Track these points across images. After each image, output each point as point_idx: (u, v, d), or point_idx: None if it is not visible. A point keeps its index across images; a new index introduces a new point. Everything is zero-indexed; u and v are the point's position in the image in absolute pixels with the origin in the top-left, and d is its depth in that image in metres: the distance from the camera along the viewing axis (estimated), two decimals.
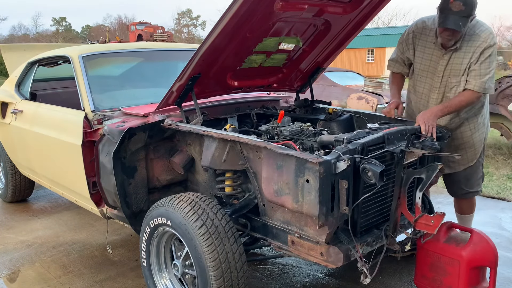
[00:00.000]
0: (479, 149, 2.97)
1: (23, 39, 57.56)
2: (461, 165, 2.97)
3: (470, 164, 2.97)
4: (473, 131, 2.92)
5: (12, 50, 5.02)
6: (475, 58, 2.68)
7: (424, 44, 2.87)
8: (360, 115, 3.20)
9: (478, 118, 2.92)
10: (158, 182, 2.82)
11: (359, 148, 2.12)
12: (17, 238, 3.84)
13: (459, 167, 2.98)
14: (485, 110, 2.97)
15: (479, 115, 2.92)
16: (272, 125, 2.82)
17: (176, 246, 2.52)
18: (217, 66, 2.68)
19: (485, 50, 2.66)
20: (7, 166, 4.50)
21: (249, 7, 2.24)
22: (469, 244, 2.43)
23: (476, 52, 2.68)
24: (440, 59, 2.81)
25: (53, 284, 3.05)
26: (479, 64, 2.68)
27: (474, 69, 2.70)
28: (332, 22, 2.80)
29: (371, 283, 2.31)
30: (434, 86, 2.88)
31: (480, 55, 2.67)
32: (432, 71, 2.87)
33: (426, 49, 2.86)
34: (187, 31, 71.33)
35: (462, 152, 2.93)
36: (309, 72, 3.35)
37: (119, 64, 3.82)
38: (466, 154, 2.95)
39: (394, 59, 3.07)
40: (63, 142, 3.10)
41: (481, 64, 2.68)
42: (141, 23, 34.10)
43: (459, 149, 2.94)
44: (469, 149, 2.95)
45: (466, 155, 2.95)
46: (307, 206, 2.00)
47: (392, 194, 2.34)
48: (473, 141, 2.93)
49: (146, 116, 2.75)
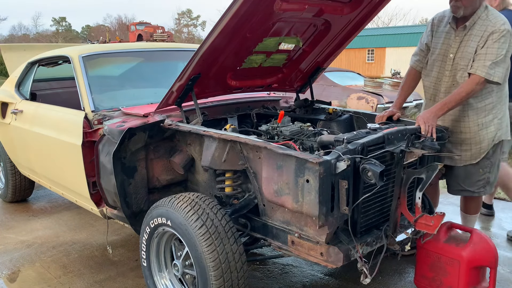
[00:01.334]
0: (485, 149, 2.84)
1: (23, 39, 57.60)
2: (462, 161, 2.88)
3: (473, 162, 2.86)
4: (481, 127, 2.81)
5: (12, 50, 5.02)
6: (482, 41, 2.66)
7: (441, 29, 2.91)
8: (360, 115, 3.20)
9: (490, 116, 2.81)
10: (158, 182, 2.82)
11: (359, 148, 2.12)
12: (17, 238, 3.84)
13: (460, 162, 2.88)
14: (502, 109, 2.86)
15: (492, 113, 2.81)
16: (272, 125, 2.82)
17: (176, 246, 2.53)
18: (217, 66, 2.68)
19: (493, 34, 2.63)
20: (7, 166, 4.50)
21: (249, 7, 2.24)
22: (469, 244, 2.43)
23: (483, 36, 2.66)
24: (453, 42, 2.81)
25: (53, 284, 3.05)
26: (485, 48, 2.64)
27: (479, 53, 2.66)
28: (332, 22, 2.80)
29: (371, 283, 2.31)
30: (446, 69, 2.85)
31: (487, 39, 2.64)
32: (445, 53, 2.86)
33: (442, 33, 2.90)
34: (187, 31, 71.41)
35: (466, 147, 2.85)
36: (309, 72, 3.35)
37: (119, 64, 3.82)
38: (470, 151, 2.85)
39: (415, 52, 3.09)
40: (63, 142, 3.10)
41: (487, 48, 2.63)
42: (141, 23, 34.11)
43: (464, 144, 2.85)
44: (474, 145, 2.84)
45: (470, 151, 2.85)
46: (307, 206, 2.00)
47: (392, 194, 2.34)
48: (479, 138, 2.82)
49: (146, 116, 2.75)
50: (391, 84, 8.96)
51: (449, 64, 2.84)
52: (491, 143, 2.85)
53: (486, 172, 2.90)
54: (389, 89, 8.80)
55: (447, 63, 2.85)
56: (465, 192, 2.97)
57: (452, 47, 2.81)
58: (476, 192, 2.94)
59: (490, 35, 2.64)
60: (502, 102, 2.87)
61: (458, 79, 2.79)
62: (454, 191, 3.01)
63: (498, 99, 2.84)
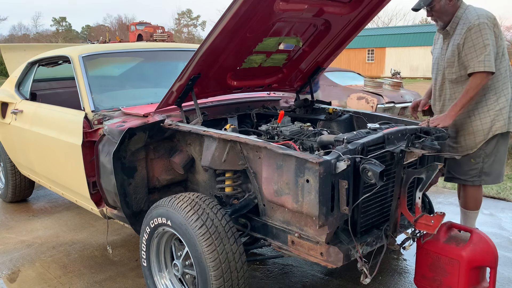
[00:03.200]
0: (480, 139, 2.89)
1: (23, 39, 57.60)
2: (459, 152, 2.94)
3: (470, 152, 2.92)
4: (473, 119, 2.88)
5: (12, 50, 5.02)
6: (462, 39, 2.80)
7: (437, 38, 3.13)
8: (360, 115, 3.20)
9: (484, 108, 2.86)
10: (158, 182, 2.82)
11: (359, 148, 2.12)
12: (17, 238, 3.84)
13: (457, 154, 2.89)
14: (499, 102, 2.87)
15: (484, 102, 2.86)
16: (272, 125, 2.82)
17: (176, 246, 2.53)
18: (217, 66, 2.68)
19: (470, 30, 2.76)
20: (7, 166, 4.51)
21: (249, 7, 2.24)
22: (469, 244, 2.43)
23: (461, 34, 2.81)
24: (444, 46, 2.99)
25: (53, 284, 3.05)
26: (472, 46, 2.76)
27: (468, 53, 2.78)
28: (332, 22, 2.80)
29: (371, 283, 2.32)
30: (439, 69, 3.03)
31: (466, 36, 2.77)
32: (438, 58, 3.06)
33: (437, 41, 3.14)
34: (187, 31, 71.38)
35: (460, 138, 2.94)
36: (309, 72, 3.35)
37: (119, 64, 3.81)
38: (465, 141, 2.93)
39: None
40: (63, 142, 3.10)
41: (474, 46, 2.75)
42: (141, 23, 34.09)
43: (458, 135, 2.95)
44: (467, 136, 2.91)
45: (465, 142, 2.93)
46: (307, 206, 2.00)
47: (392, 194, 2.34)
48: (472, 129, 2.89)
49: (146, 116, 2.75)
50: (391, 84, 8.95)
51: (441, 65, 3.00)
52: (487, 134, 2.88)
53: (479, 162, 2.93)
54: (389, 89, 8.79)
55: (439, 64, 3.03)
56: (456, 180, 3.03)
57: (442, 50, 3.00)
58: (469, 181, 2.97)
59: (468, 32, 2.77)
60: (499, 94, 2.88)
61: (447, 75, 2.96)
62: (446, 178, 3.08)
63: (492, 91, 2.88)
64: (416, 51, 30.77)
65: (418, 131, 2.54)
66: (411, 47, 30.99)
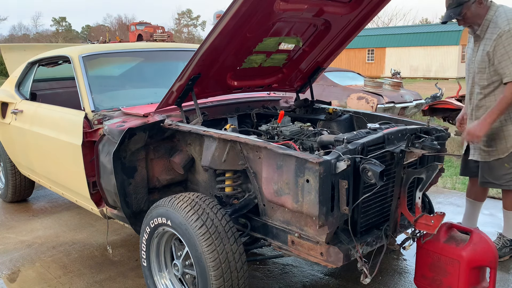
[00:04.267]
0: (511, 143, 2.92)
1: (23, 39, 57.61)
2: (491, 156, 2.96)
3: (501, 156, 2.94)
4: (503, 123, 2.90)
5: (12, 50, 5.03)
6: (492, 46, 2.78)
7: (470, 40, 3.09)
8: (360, 115, 3.20)
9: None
10: (158, 182, 2.82)
11: (359, 148, 2.12)
12: (17, 238, 3.84)
13: (489, 157, 2.97)
14: None
15: None
16: (272, 125, 2.82)
17: (176, 246, 2.52)
18: (217, 66, 2.68)
19: (501, 37, 2.74)
20: (7, 166, 4.51)
21: (249, 7, 2.24)
22: (469, 244, 2.43)
23: (492, 39, 2.79)
24: (475, 49, 2.98)
25: (53, 284, 3.05)
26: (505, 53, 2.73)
27: (502, 60, 2.75)
28: (332, 22, 2.80)
29: (371, 283, 2.32)
30: (470, 72, 3.02)
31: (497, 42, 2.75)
32: (470, 60, 3.05)
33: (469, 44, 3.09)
34: (187, 31, 71.38)
35: (492, 142, 2.95)
36: (309, 72, 3.35)
37: (119, 64, 3.82)
38: (496, 146, 2.95)
39: None
40: (63, 142, 3.10)
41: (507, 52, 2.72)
42: (141, 23, 34.10)
43: (490, 139, 2.94)
44: (499, 140, 2.93)
45: (496, 146, 2.95)
46: (307, 206, 2.00)
47: (392, 194, 2.34)
48: (503, 133, 2.91)
49: (146, 116, 2.75)
50: (391, 84, 8.95)
51: (472, 68, 2.99)
52: None
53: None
54: (389, 89, 8.80)
55: (470, 67, 3.02)
56: (490, 184, 3.06)
57: (474, 52, 2.98)
58: (505, 186, 3.01)
59: (499, 38, 2.75)
60: None
61: (477, 81, 2.94)
62: (481, 183, 3.09)
63: None
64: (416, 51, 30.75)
65: (418, 131, 2.54)
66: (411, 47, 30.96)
